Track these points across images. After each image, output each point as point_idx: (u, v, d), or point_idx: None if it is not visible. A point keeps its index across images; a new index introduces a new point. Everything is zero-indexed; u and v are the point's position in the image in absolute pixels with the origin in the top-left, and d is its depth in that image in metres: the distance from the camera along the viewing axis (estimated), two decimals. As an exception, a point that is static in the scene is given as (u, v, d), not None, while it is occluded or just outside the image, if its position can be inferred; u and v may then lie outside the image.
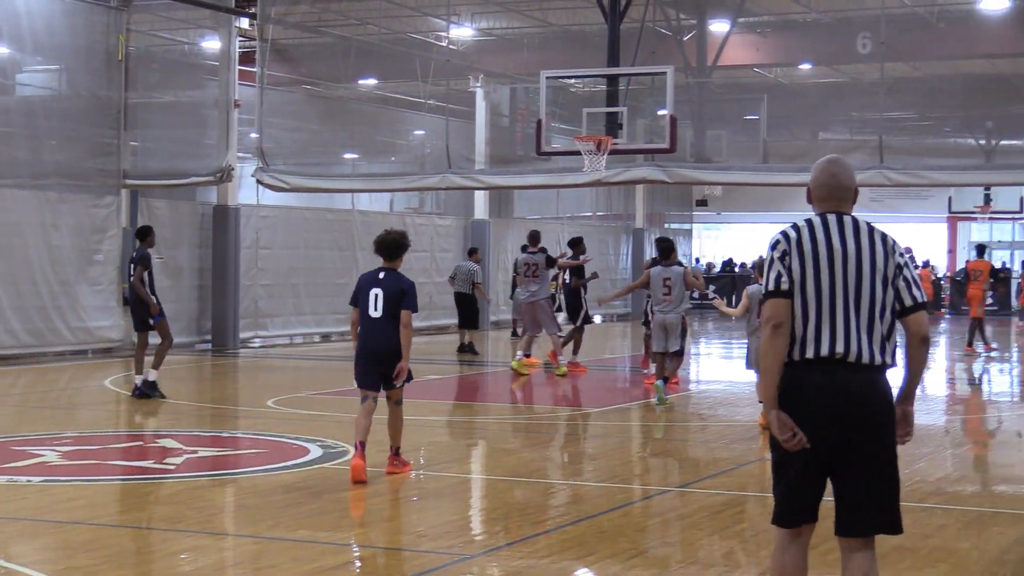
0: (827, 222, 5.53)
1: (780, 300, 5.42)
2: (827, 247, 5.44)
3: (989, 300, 40.40)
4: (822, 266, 5.42)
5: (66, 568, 7.77)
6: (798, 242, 5.49)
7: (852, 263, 5.42)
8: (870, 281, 5.41)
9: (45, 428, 13.67)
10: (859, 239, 5.47)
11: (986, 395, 19.32)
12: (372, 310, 10.57)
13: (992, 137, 28.46)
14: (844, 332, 5.35)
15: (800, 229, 5.53)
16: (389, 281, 10.61)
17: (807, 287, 5.41)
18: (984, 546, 8.58)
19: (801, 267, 5.43)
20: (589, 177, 21.50)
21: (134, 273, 15.97)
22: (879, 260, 5.44)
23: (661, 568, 7.92)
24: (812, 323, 5.39)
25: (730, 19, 28.21)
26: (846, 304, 5.37)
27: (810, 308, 5.40)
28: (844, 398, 5.33)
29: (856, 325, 5.36)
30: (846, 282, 5.40)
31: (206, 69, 26.42)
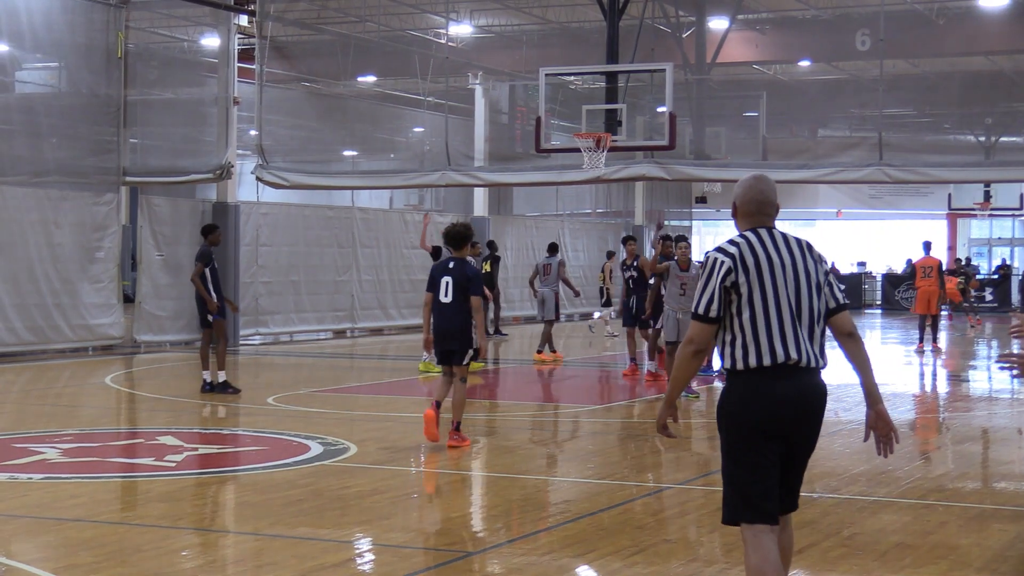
0: (762, 237, 5.88)
1: (707, 326, 5.81)
2: (768, 261, 5.79)
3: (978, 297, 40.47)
4: (765, 279, 5.77)
5: (67, 565, 7.78)
6: (741, 258, 5.78)
7: (791, 274, 5.81)
8: (807, 290, 5.82)
9: (46, 425, 13.68)
10: (792, 251, 5.86)
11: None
12: (443, 296, 12.04)
13: (992, 134, 28.46)
14: (794, 340, 5.76)
15: (740, 246, 5.84)
16: (457, 269, 12.07)
17: (755, 300, 5.75)
18: (985, 543, 8.58)
19: (747, 281, 5.75)
20: (588, 174, 21.50)
21: (194, 269, 16.32)
22: (811, 269, 5.86)
23: (662, 565, 7.92)
24: (764, 333, 5.74)
25: (729, 16, 28.21)
26: (791, 313, 5.77)
27: (758, 319, 5.74)
28: (803, 400, 5.80)
29: (800, 332, 5.78)
30: (787, 292, 5.78)
31: (205, 66, 26.43)
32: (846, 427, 14.62)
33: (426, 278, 12.62)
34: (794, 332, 5.76)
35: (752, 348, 5.74)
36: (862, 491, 10.47)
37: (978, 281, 38.86)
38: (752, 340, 5.74)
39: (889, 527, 9.08)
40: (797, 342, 5.75)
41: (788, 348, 5.74)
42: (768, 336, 5.73)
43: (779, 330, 5.74)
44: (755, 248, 5.82)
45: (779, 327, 5.74)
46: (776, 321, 5.74)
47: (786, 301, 5.76)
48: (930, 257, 26.72)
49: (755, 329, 5.74)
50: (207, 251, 16.41)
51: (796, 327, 5.76)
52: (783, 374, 5.74)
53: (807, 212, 49.61)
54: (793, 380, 5.76)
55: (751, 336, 5.74)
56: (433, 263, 14.50)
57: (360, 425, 14.79)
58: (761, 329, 5.74)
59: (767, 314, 5.74)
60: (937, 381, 20.86)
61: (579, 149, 20.17)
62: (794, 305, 5.77)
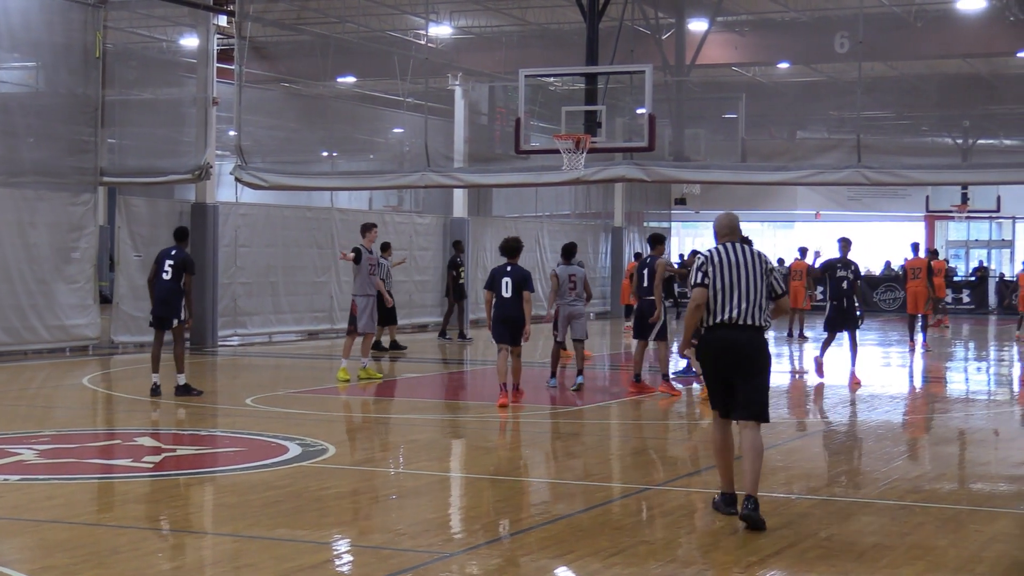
0: (727, 247, 9.26)
1: (700, 289, 9.16)
2: (728, 261, 9.17)
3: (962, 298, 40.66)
4: (725, 271, 9.14)
5: (43, 567, 7.75)
6: (712, 259, 9.19)
7: (742, 270, 9.16)
8: (753, 279, 9.15)
9: (22, 427, 13.62)
10: (745, 257, 9.22)
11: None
12: (504, 292, 15.77)
13: (969, 136, 28.56)
14: (737, 307, 9.07)
15: (712, 252, 9.25)
16: (514, 272, 15.88)
17: (716, 284, 9.12)
18: (961, 544, 8.62)
19: (714, 272, 9.14)
20: (568, 175, 21.49)
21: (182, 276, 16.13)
22: (757, 268, 9.20)
23: (640, 566, 7.93)
24: (719, 304, 9.12)
25: (709, 18, 28.25)
26: (738, 292, 9.08)
27: (718, 296, 9.12)
28: (738, 344, 9.10)
29: (743, 303, 9.07)
30: (737, 279, 9.11)
31: (184, 67, 26.34)
32: (823, 429, 14.67)
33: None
34: (738, 303, 9.06)
35: (712, 312, 9.14)
36: (840, 492, 10.50)
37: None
38: (713, 308, 9.14)
39: (866, 528, 9.10)
40: (739, 308, 9.06)
41: (732, 312, 9.07)
42: (722, 305, 9.10)
43: (728, 302, 9.09)
44: (722, 254, 9.21)
45: (729, 300, 9.09)
46: (728, 297, 9.09)
47: (737, 285, 9.09)
48: (918, 258, 26.96)
49: (714, 301, 9.13)
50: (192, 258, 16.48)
51: (741, 300, 9.06)
52: (727, 328, 9.10)
53: (786, 214, 49.71)
54: (734, 332, 9.08)
55: (712, 306, 9.14)
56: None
57: (338, 426, 14.78)
58: (717, 301, 9.12)
59: (723, 292, 9.10)
60: (914, 381, 20.93)
61: (559, 150, 20.16)
62: (743, 287, 9.09)
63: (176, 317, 16.24)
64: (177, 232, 16.88)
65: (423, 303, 31.31)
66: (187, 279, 16.21)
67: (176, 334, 16.36)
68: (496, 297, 15.82)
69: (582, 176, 21.97)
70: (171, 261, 16.23)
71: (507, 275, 15.87)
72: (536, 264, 34.27)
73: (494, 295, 15.86)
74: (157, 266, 16.39)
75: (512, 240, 16.33)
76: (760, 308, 9.07)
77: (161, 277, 16.26)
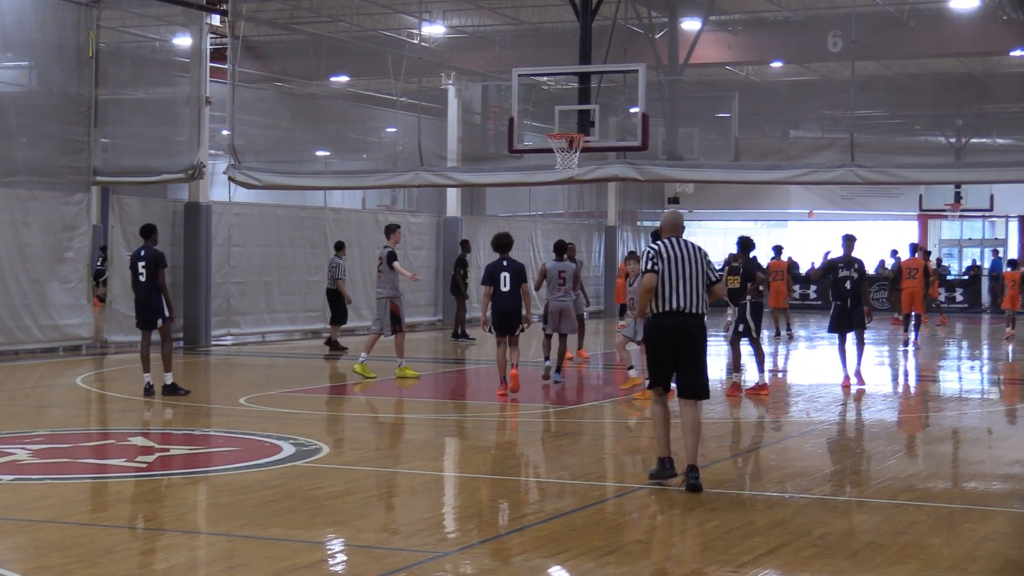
0: (672, 242, 10.36)
1: (652, 275, 10.24)
2: (673, 254, 10.27)
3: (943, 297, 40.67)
4: (671, 264, 10.22)
5: (37, 567, 7.74)
6: (660, 252, 10.28)
7: (685, 263, 10.26)
8: (694, 271, 10.25)
9: (16, 426, 13.59)
10: (687, 250, 10.33)
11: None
12: (503, 286, 16.56)
13: (962, 135, 28.60)
14: (682, 297, 10.19)
15: (660, 246, 10.31)
16: (511, 266, 16.70)
17: (664, 275, 10.20)
18: (955, 543, 8.63)
19: (662, 264, 10.22)
20: (561, 175, 21.49)
21: (156, 273, 16.00)
22: (698, 260, 10.32)
23: (634, 565, 7.94)
24: (666, 293, 10.20)
25: (702, 17, 28.24)
26: (683, 283, 10.18)
27: (666, 286, 10.20)
28: (681, 329, 10.25)
29: (688, 293, 10.19)
30: (682, 272, 10.21)
31: (177, 66, 26.31)
32: (817, 428, 14.68)
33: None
34: (683, 293, 10.19)
35: (660, 301, 10.25)
36: (833, 491, 10.51)
37: None
38: (660, 297, 10.24)
39: (860, 527, 9.12)
40: (684, 298, 10.19)
41: (677, 301, 10.20)
42: (668, 295, 10.20)
43: (674, 292, 10.19)
44: (667, 247, 10.32)
45: (674, 290, 10.19)
46: (673, 287, 10.19)
47: (681, 276, 10.20)
48: (915, 259, 26.99)
49: (662, 291, 10.22)
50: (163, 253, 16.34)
51: (685, 291, 10.19)
52: (672, 315, 10.23)
53: (779, 213, 49.71)
54: (680, 319, 10.23)
55: (660, 295, 10.23)
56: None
57: (332, 426, 14.78)
58: (665, 291, 10.21)
59: (670, 283, 10.20)
60: (909, 380, 20.95)
61: (552, 150, 20.15)
62: (686, 279, 10.21)
63: (160, 316, 16.12)
64: (143, 230, 16.72)
65: (416, 302, 31.29)
66: (160, 274, 16.06)
67: (163, 333, 16.27)
68: (495, 291, 16.55)
69: (575, 175, 21.97)
70: (143, 261, 16.13)
71: (505, 269, 16.66)
72: (529, 263, 34.26)
73: (493, 289, 16.59)
74: (133, 271, 16.33)
75: (504, 236, 17.06)
76: (701, 297, 10.26)
77: (138, 279, 16.18)
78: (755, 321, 17.09)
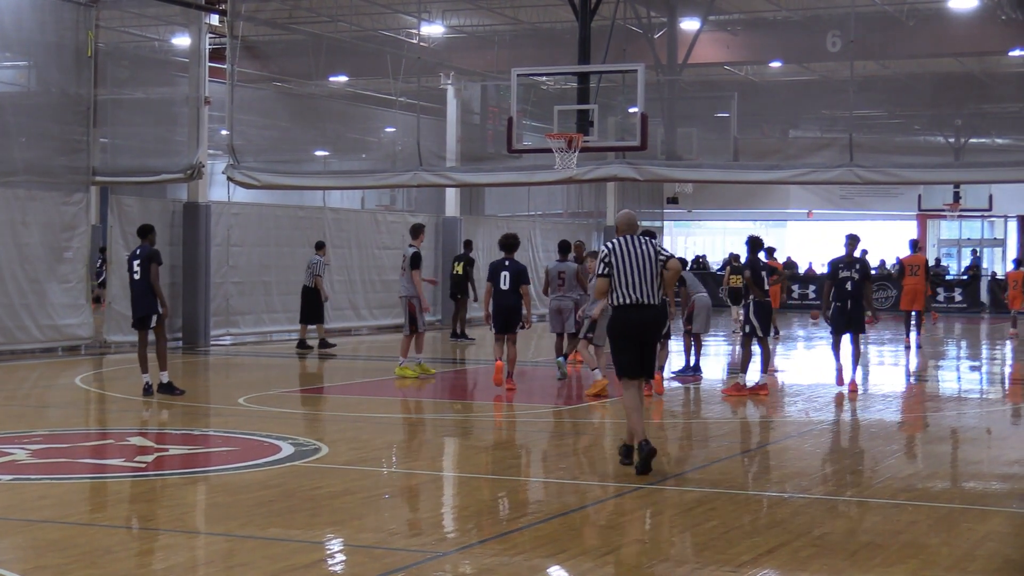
0: (626, 240, 11.07)
1: (604, 279, 11.02)
2: (627, 251, 10.98)
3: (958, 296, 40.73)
4: (626, 260, 10.95)
5: (36, 567, 7.73)
6: (614, 250, 11.01)
7: (640, 258, 10.97)
8: (649, 265, 10.96)
9: (15, 426, 13.59)
10: (642, 246, 11.02)
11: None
12: (502, 284, 17.35)
13: (961, 135, 28.60)
14: (638, 290, 10.93)
15: (613, 244, 11.04)
16: (512, 266, 17.52)
17: (619, 270, 10.93)
18: (954, 542, 8.63)
19: (616, 262, 10.95)
20: (560, 175, 21.49)
21: (149, 269, 15.96)
22: (652, 254, 11.00)
23: (633, 565, 7.94)
24: (623, 287, 10.94)
25: (701, 17, 28.25)
26: (638, 277, 10.89)
27: (622, 280, 10.93)
28: (642, 320, 10.99)
29: (644, 286, 10.92)
30: (637, 266, 10.92)
31: (176, 66, 26.31)
32: (816, 428, 14.68)
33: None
34: (638, 286, 10.91)
35: (618, 295, 10.97)
36: (832, 491, 10.51)
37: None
38: (618, 291, 10.96)
39: (859, 527, 9.12)
40: (640, 291, 10.92)
41: (634, 294, 10.92)
42: (626, 289, 10.93)
43: (630, 285, 10.91)
44: (622, 245, 11.02)
45: (630, 284, 10.91)
46: (629, 281, 10.91)
47: (637, 271, 10.91)
48: (916, 255, 26.96)
49: (619, 285, 10.95)
50: (158, 251, 16.29)
51: (641, 284, 10.91)
52: (632, 307, 10.94)
53: (778, 213, 49.77)
54: (637, 310, 10.94)
55: (618, 289, 10.96)
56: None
57: (331, 426, 14.77)
58: (621, 285, 10.94)
59: (626, 278, 10.92)
60: (908, 379, 20.95)
61: (551, 150, 20.15)
62: (641, 273, 10.92)
63: (155, 313, 16.08)
64: (140, 230, 16.67)
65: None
66: (153, 270, 16.00)
67: (158, 332, 16.22)
68: (495, 289, 17.44)
69: (574, 175, 21.97)
70: (137, 260, 16.10)
71: (505, 269, 17.50)
72: (529, 262, 34.24)
73: (493, 287, 17.48)
74: (129, 271, 16.30)
75: (510, 236, 17.90)
76: (655, 289, 10.98)
77: (133, 278, 16.16)
78: (759, 321, 17.04)
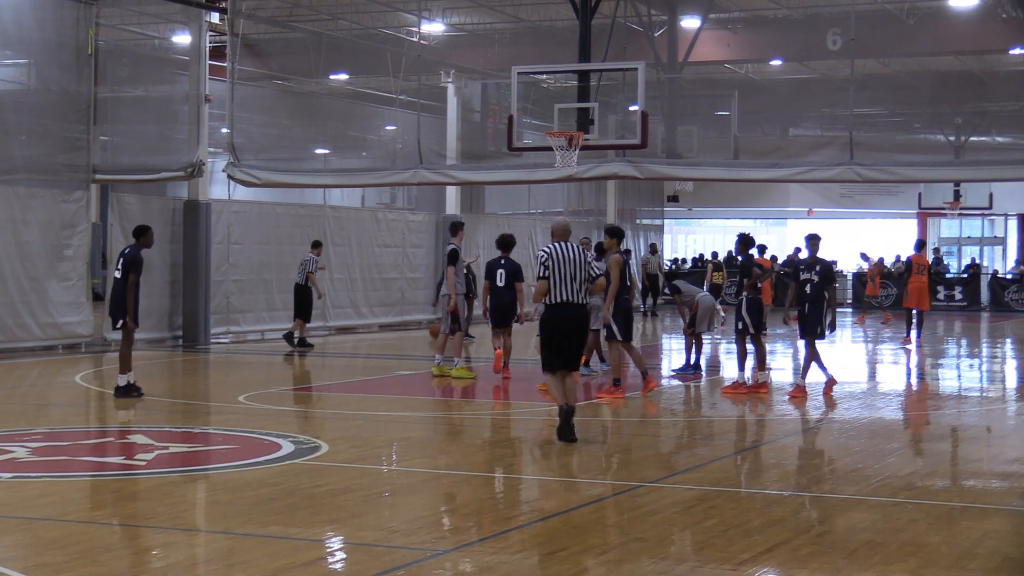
0: (561, 246, 12.55)
1: (544, 281, 12.46)
2: (562, 257, 12.48)
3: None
4: (560, 264, 12.45)
5: (36, 565, 7.74)
6: (551, 254, 12.47)
7: (572, 263, 12.49)
8: (580, 270, 12.51)
9: (15, 424, 13.60)
10: (574, 252, 12.56)
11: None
12: (499, 282, 18.30)
13: (961, 133, 28.61)
14: (569, 291, 12.46)
15: (551, 249, 12.50)
16: (508, 264, 18.37)
17: (555, 273, 12.43)
18: (953, 540, 8.63)
19: (553, 265, 12.44)
20: (560, 173, 21.49)
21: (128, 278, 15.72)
22: (581, 261, 12.55)
23: (633, 563, 7.94)
24: (557, 288, 12.43)
25: (701, 15, 28.25)
26: (570, 280, 12.41)
27: (557, 282, 12.43)
28: (570, 318, 12.52)
29: (574, 288, 12.45)
30: (569, 270, 12.45)
31: (176, 64, 26.31)
32: (816, 426, 14.68)
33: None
34: (569, 288, 12.45)
35: (553, 294, 12.45)
36: (832, 489, 10.52)
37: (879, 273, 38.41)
38: (553, 291, 12.45)
39: (859, 525, 9.12)
40: (570, 292, 12.46)
41: (565, 294, 12.45)
42: (559, 289, 12.45)
43: (562, 287, 12.44)
44: (557, 251, 12.51)
45: (563, 285, 12.44)
46: (562, 283, 12.43)
47: (568, 274, 12.44)
48: (922, 255, 26.94)
49: (554, 286, 12.44)
50: (141, 258, 15.91)
51: (571, 286, 12.45)
52: (562, 306, 12.47)
53: (778, 211, 49.74)
54: (568, 309, 12.48)
55: (553, 290, 12.45)
56: None
57: (331, 424, 14.77)
58: (556, 286, 12.45)
59: (560, 280, 12.43)
60: (911, 378, 20.96)
61: (551, 148, 20.16)
62: (572, 276, 12.46)
63: (123, 317, 15.75)
64: (136, 230, 16.33)
65: (415, 300, 31.30)
66: (131, 279, 15.67)
67: (124, 333, 15.88)
68: (492, 286, 18.35)
69: (575, 173, 21.99)
70: (122, 260, 15.86)
71: (502, 267, 18.35)
72: (528, 262, 34.25)
73: (490, 284, 18.38)
74: (115, 266, 16.14)
75: (507, 236, 18.61)
76: (583, 290, 12.54)
77: (115, 276, 16.01)
78: (752, 318, 17.00)
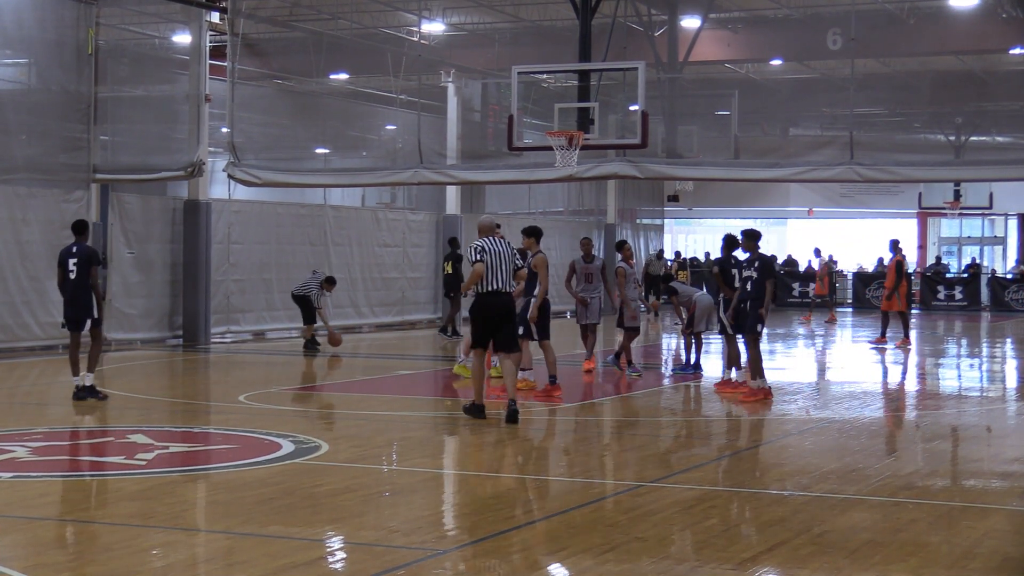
0: (491, 240, 13.94)
1: (481, 264, 13.76)
2: (492, 250, 13.86)
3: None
4: (493, 256, 13.84)
5: (36, 564, 7.74)
6: (485, 247, 13.82)
7: (501, 256, 13.89)
8: (506, 262, 13.91)
9: (15, 424, 13.60)
10: (502, 246, 13.94)
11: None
12: None
13: (961, 133, 28.61)
14: (499, 280, 13.85)
15: (483, 243, 13.85)
16: None
17: (488, 265, 13.74)
18: (954, 540, 8.63)
19: (487, 257, 13.80)
20: (561, 172, 21.49)
21: (88, 271, 15.49)
22: (508, 254, 13.94)
23: (633, 563, 7.94)
24: (489, 278, 13.80)
25: (701, 15, 28.25)
26: (499, 270, 13.99)
27: (489, 273, 13.79)
28: (498, 304, 13.91)
29: (501, 278, 13.91)
30: (499, 262, 13.86)
31: (177, 63, 26.31)
32: (816, 425, 14.68)
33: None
34: (499, 277, 13.83)
35: (484, 283, 13.82)
36: (832, 489, 10.51)
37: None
38: (485, 280, 13.81)
39: (859, 524, 9.12)
40: (500, 281, 13.85)
41: (495, 283, 13.83)
42: (489, 280, 13.80)
43: (493, 277, 13.80)
44: (488, 244, 13.90)
45: (493, 276, 13.80)
46: (492, 274, 13.79)
47: (499, 267, 13.82)
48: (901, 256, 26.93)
49: (486, 276, 13.79)
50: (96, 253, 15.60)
51: (500, 275, 13.84)
52: (492, 294, 13.84)
53: (779, 211, 49.74)
54: (496, 297, 13.88)
55: (485, 279, 13.80)
56: None
57: (332, 423, 14.78)
58: (487, 277, 13.79)
59: (490, 271, 13.78)
60: (907, 378, 20.96)
61: (551, 147, 20.16)
62: (500, 267, 13.84)
63: (88, 317, 15.57)
64: (75, 226, 16.08)
65: (416, 300, 31.31)
66: (93, 272, 15.50)
67: (93, 335, 15.73)
68: None
69: (575, 173, 21.98)
70: (74, 259, 15.56)
71: None
72: (528, 260, 34.22)
73: None
74: (62, 268, 15.72)
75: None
76: (510, 280, 13.98)
77: (68, 278, 15.64)
78: (730, 318, 16.92)
